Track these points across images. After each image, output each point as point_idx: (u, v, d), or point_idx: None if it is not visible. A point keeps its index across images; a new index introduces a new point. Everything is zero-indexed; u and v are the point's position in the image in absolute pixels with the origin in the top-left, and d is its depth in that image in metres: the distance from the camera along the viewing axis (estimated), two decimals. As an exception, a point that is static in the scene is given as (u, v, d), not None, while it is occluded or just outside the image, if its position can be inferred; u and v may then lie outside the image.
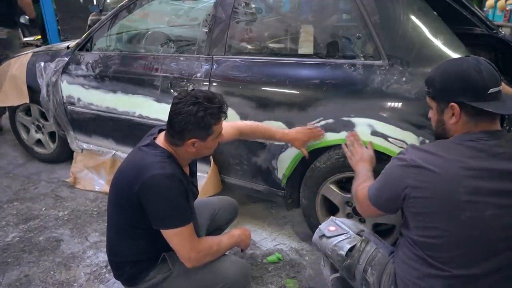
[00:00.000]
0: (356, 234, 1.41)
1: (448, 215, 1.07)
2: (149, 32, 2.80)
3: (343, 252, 1.36)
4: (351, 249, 1.36)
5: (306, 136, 1.80)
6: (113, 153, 2.71)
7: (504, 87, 1.45)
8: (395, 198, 1.16)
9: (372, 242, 1.37)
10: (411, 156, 1.13)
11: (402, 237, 1.25)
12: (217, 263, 1.49)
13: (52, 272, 1.99)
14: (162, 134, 1.47)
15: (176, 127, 1.36)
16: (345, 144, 1.70)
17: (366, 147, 1.65)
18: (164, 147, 1.42)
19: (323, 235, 1.44)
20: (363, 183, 1.39)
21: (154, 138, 1.47)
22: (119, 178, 1.45)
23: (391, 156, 1.40)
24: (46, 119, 3.02)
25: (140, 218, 1.39)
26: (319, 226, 1.50)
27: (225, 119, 1.44)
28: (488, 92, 1.09)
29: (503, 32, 2.62)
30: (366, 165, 1.55)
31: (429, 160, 1.09)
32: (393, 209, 1.22)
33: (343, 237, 1.41)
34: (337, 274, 1.47)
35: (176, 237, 1.36)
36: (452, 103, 1.13)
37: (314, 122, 1.82)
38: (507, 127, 1.57)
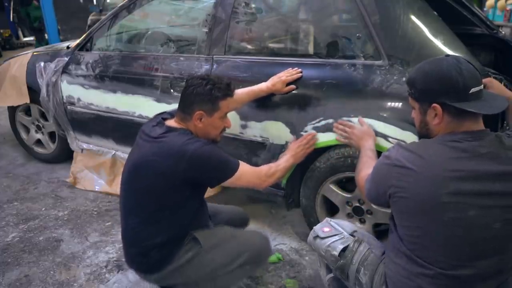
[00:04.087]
0: (349, 234, 1.42)
1: (431, 216, 1.08)
2: (149, 32, 2.80)
3: (336, 253, 1.37)
4: (344, 250, 1.37)
5: (284, 82, 1.85)
6: (113, 153, 2.71)
7: (500, 86, 1.46)
8: (382, 195, 1.18)
9: (365, 243, 1.37)
10: (396, 155, 1.14)
11: (391, 233, 1.25)
12: (242, 234, 1.64)
13: (52, 272, 1.99)
14: (169, 120, 1.55)
15: (186, 99, 1.50)
16: (338, 136, 1.73)
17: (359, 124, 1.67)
18: (180, 127, 1.50)
19: (317, 236, 1.45)
20: (364, 169, 1.41)
21: (164, 123, 1.52)
22: (146, 167, 1.44)
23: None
24: (46, 119, 3.02)
25: (176, 195, 1.46)
26: (314, 227, 1.51)
27: (231, 97, 1.55)
28: (470, 92, 1.09)
29: (503, 32, 2.62)
30: (367, 142, 1.57)
31: (413, 160, 1.10)
32: (383, 204, 1.23)
33: (336, 237, 1.41)
34: (333, 274, 1.48)
35: (243, 178, 1.53)
36: (434, 104, 1.13)
37: (314, 122, 1.82)
38: (507, 127, 1.57)
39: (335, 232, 1.43)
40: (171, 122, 1.54)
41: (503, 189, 1.06)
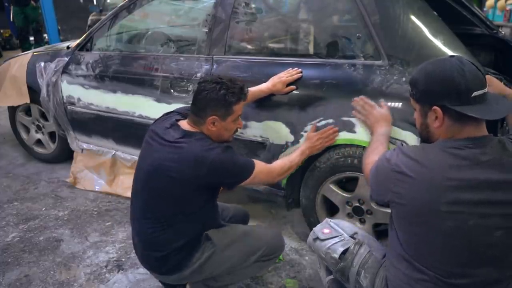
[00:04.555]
0: (350, 236, 1.40)
1: (429, 224, 1.06)
2: (149, 32, 2.80)
3: (336, 255, 1.36)
4: (344, 252, 1.35)
5: (285, 82, 1.86)
6: (113, 153, 2.71)
7: (499, 85, 1.46)
8: (382, 197, 1.17)
9: (365, 245, 1.36)
10: (396, 160, 1.12)
11: (391, 231, 1.23)
12: (255, 231, 1.68)
13: (52, 272, 2.00)
14: (183, 122, 1.54)
15: (200, 103, 1.48)
16: (356, 110, 1.69)
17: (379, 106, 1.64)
18: (195, 130, 1.50)
19: (317, 238, 1.43)
20: (371, 155, 1.37)
21: (178, 126, 1.51)
22: (163, 171, 1.43)
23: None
24: (46, 119, 3.02)
25: (195, 199, 1.48)
26: (314, 228, 1.50)
27: (244, 101, 1.54)
28: (472, 96, 1.04)
29: (503, 32, 2.62)
30: (382, 127, 1.55)
31: (412, 167, 1.08)
32: (385, 205, 1.22)
33: (336, 239, 1.40)
34: (333, 276, 1.47)
35: (257, 177, 1.55)
36: (435, 107, 1.09)
37: (314, 122, 1.82)
38: (506, 127, 1.57)
39: (335, 234, 1.42)
40: (185, 125, 1.52)
41: (504, 198, 1.03)
